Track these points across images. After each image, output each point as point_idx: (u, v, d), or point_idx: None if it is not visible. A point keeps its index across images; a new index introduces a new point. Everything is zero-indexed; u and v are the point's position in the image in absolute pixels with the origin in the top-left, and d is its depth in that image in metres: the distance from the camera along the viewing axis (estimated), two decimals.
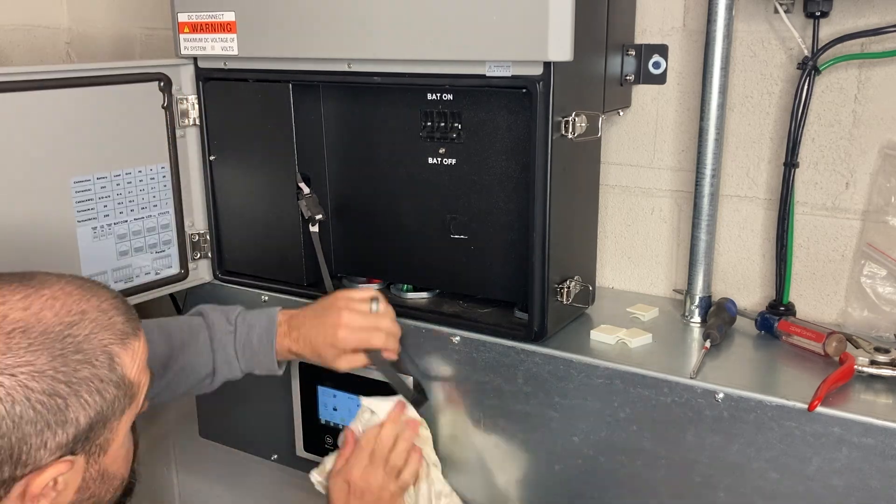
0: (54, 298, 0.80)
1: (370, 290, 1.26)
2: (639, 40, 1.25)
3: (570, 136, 1.07)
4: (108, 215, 1.27)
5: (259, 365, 1.19)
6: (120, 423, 0.85)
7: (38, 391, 0.76)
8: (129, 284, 1.31)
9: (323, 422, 1.31)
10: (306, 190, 1.28)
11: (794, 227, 1.18)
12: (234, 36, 1.23)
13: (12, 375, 0.75)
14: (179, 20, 1.27)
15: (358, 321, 1.14)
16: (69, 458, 0.80)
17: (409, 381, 1.21)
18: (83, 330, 0.81)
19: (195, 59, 1.30)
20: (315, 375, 1.30)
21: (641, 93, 1.28)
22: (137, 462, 0.96)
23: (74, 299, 0.82)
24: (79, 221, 1.23)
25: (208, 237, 1.39)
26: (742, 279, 1.27)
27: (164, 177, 1.33)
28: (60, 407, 0.78)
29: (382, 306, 1.16)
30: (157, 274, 1.35)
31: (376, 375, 1.20)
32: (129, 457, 0.92)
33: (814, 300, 1.22)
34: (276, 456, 1.43)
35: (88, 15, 1.86)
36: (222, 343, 1.19)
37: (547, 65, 1.03)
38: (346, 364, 1.15)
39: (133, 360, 0.85)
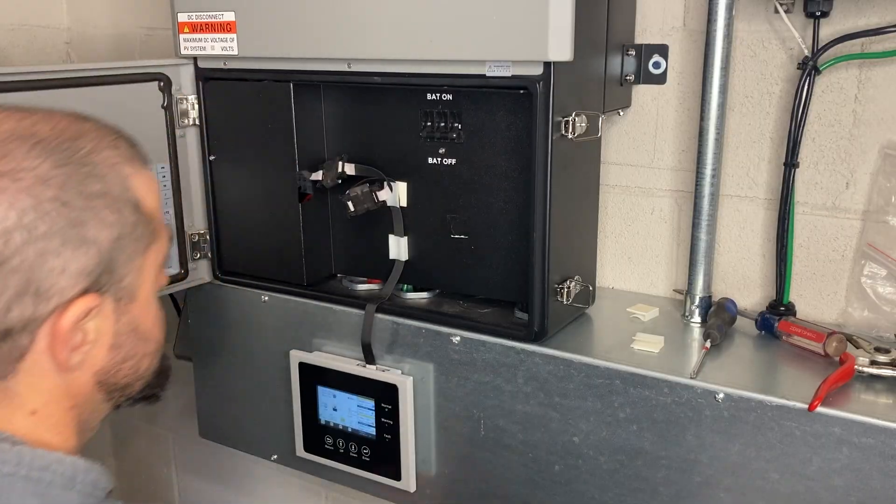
0: (49, 115, 0.71)
1: None
2: (639, 40, 1.25)
3: (570, 136, 1.07)
4: None
5: None
6: (144, 262, 0.75)
7: (49, 199, 0.66)
8: None
9: (323, 422, 1.31)
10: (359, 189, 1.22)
11: (794, 227, 1.18)
12: (234, 36, 1.23)
13: (16, 180, 0.65)
14: (179, 20, 1.27)
15: None
16: (95, 294, 0.70)
17: None
18: (86, 144, 0.71)
19: (195, 59, 1.30)
20: (315, 376, 1.30)
21: (641, 93, 1.28)
22: (166, 337, 0.86)
23: (70, 119, 0.73)
24: None
25: (208, 237, 1.39)
26: (742, 279, 1.27)
27: (163, 177, 1.33)
28: (75, 221, 0.67)
29: None
30: None
31: (376, 375, 1.21)
32: (161, 320, 0.82)
33: (814, 300, 1.22)
34: (276, 456, 1.43)
35: (88, 15, 1.86)
36: None
37: (547, 65, 1.03)
38: None
39: (147, 190, 0.76)
